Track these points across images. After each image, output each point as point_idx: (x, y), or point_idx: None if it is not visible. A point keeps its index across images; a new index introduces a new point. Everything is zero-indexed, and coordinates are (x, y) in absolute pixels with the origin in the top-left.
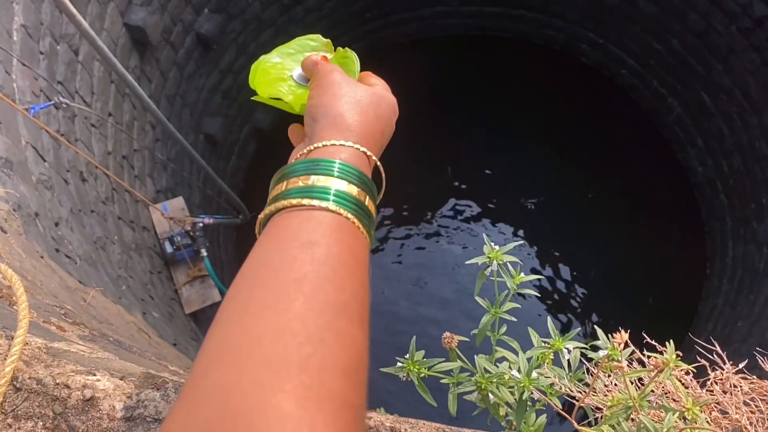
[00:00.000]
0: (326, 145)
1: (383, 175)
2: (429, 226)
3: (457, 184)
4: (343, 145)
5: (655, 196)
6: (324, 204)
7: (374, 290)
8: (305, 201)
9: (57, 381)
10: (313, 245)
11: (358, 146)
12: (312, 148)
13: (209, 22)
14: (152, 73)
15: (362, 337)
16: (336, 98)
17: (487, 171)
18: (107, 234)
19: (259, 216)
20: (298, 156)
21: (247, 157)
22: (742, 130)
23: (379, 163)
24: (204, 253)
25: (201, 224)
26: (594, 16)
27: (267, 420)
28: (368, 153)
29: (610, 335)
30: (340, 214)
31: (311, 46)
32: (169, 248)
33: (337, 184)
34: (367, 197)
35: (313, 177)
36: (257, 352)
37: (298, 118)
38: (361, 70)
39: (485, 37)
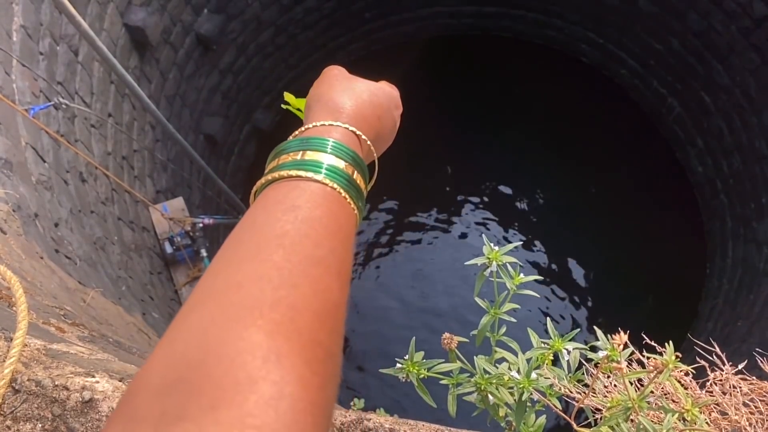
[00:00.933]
0: (317, 126)
1: (376, 158)
2: (428, 225)
3: (456, 183)
4: (333, 125)
5: (654, 196)
6: (312, 175)
7: (370, 291)
8: (294, 173)
9: (56, 383)
10: (296, 208)
11: (347, 126)
12: (304, 129)
13: (209, 22)
14: (152, 74)
15: (337, 288)
16: (331, 87)
17: (486, 171)
18: (107, 234)
19: (253, 188)
20: (292, 138)
21: (247, 158)
22: (742, 130)
23: (372, 145)
24: (204, 253)
25: (201, 225)
26: (594, 16)
27: (237, 350)
28: (358, 133)
29: (609, 336)
30: (327, 185)
31: None
32: (169, 249)
33: (327, 159)
34: (356, 173)
35: (303, 152)
36: (236, 296)
37: None
38: (358, 70)
39: (485, 37)
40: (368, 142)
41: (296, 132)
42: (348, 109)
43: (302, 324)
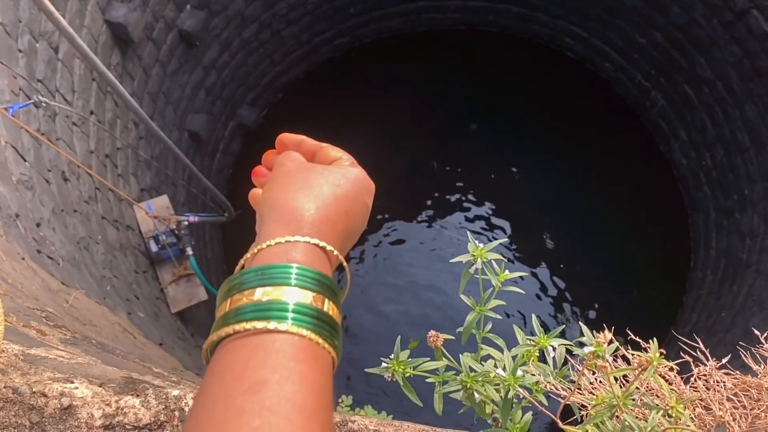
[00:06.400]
0: (271, 245)
1: (347, 269)
2: (414, 221)
3: (442, 178)
4: (289, 242)
5: (638, 189)
6: (273, 325)
7: (366, 290)
8: (254, 325)
9: (34, 389)
10: (262, 387)
11: (309, 240)
12: (256, 251)
13: (192, 18)
14: (134, 71)
15: None
16: (285, 188)
17: (471, 165)
18: (91, 234)
19: (205, 344)
20: (243, 262)
21: (233, 154)
22: (725, 123)
23: (341, 257)
24: (189, 251)
25: (186, 222)
26: (578, 10)
27: None
28: (323, 246)
29: (594, 332)
30: (295, 334)
31: None
32: (154, 247)
33: (292, 296)
34: (327, 301)
35: (259, 290)
36: None
37: None
38: (344, 65)
39: (470, 31)
40: (336, 253)
41: (247, 255)
42: (308, 215)
43: None
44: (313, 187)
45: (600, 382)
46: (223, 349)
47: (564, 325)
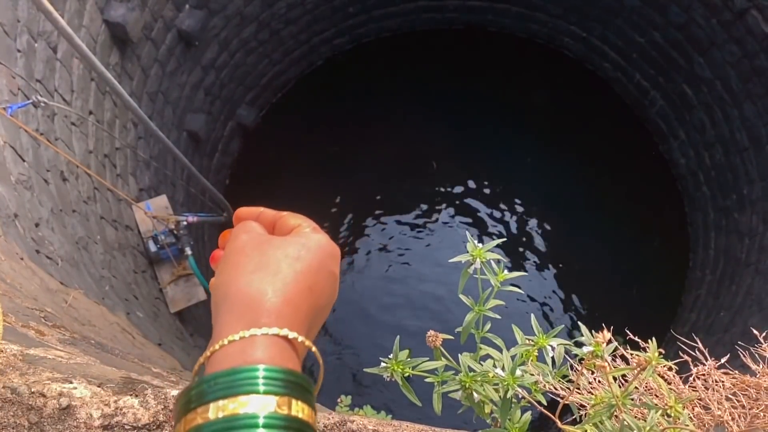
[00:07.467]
0: (225, 345)
1: (318, 355)
2: (414, 221)
3: (442, 177)
4: (245, 338)
5: (637, 188)
6: None
7: (356, 287)
8: None
9: (32, 390)
10: None
11: (266, 331)
12: (209, 353)
13: (190, 18)
14: (133, 71)
15: None
16: (237, 269)
17: (470, 164)
18: (89, 234)
19: None
20: (197, 368)
21: (231, 154)
22: (723, 122)
23: (308, 342)
24: (188, 251)
25: (185, 222)
26: (577, 10)
27: None
28: (282, 334)
29: (593, 331)
30: None
31: None
32: (153, 247)
33: (249, 406)
34: (296, 402)
35: (213, 406)
36: None
37: None
38: (343, 65)
39: (469, 31)
40: (301, 340)
41: (201, 359)
42: (266, 300)
43: None
44: (270, 266)
45: (599, 381)
46: None
47: (563, 325)
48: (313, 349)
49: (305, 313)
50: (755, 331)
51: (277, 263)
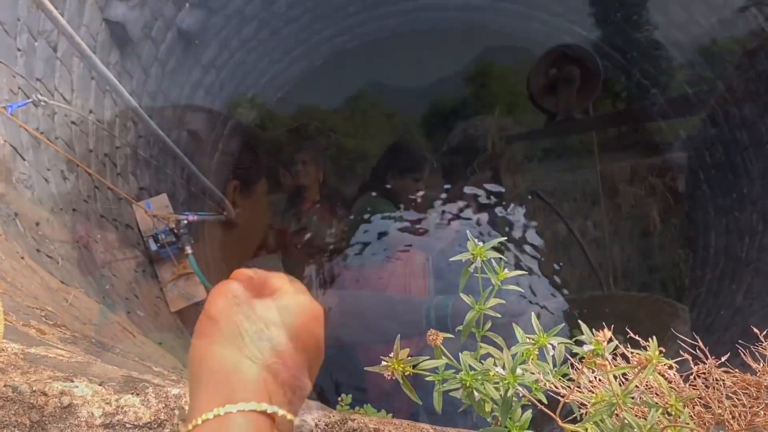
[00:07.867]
0: (198, 425)
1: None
2: (413, 220)
3: (441, 177)
4: (219, 416)
5: (637, 187)
6: None
7: (353, 284)
8: None
9: (34, 388)
10: None
11: (243, 407)
12: (190, 428)
13: (190, 17)
14: (133, 70)
15: None
16: (212, 339)
17: (470, 164)
18: (90, 232)
19: None
20: None
21: (232, 154)
22: (724, 121)
23: (290, 415)
24: (189, 250)
25: (185, 221)
26: (576, 9)
27: None
28: (260, 408)
29: (593, 330)
30: None
31: None
32: (153, 246)
33: None
34: None
35: None
36: None
37: None
38: (343, 64)
39: (469, 30)
40: (282, 413)
41: None
42: (244, 372)
43: None
44: (247, 333)
45: (599, 380)
46: None
47: (563, 323)
48: (296, 421)
49: (286, 381)
50: (755, 330)
51: (255, 332)
